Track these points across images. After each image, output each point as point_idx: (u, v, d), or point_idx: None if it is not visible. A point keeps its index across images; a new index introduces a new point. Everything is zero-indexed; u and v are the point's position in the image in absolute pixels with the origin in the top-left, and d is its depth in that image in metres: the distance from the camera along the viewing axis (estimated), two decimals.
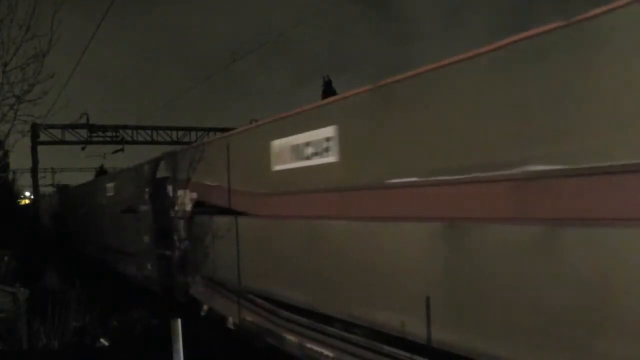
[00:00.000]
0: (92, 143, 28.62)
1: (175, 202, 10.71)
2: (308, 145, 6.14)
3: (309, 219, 6.16)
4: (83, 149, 29.09)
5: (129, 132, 29.29)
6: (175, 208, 10.70)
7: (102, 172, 42.04)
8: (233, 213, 7.97)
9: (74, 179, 54.70)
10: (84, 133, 28.06)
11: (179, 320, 5.15)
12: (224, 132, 16.09)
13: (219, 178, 8.39)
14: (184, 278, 10.48)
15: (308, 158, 6.15)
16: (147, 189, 12.46)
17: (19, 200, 39.65)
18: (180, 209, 10.41)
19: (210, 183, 8.82)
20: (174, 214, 10.77)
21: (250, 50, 30.21)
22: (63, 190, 34.45)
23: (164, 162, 11.72)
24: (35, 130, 24.88)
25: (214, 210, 8.68)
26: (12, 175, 32.21)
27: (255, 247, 7.59)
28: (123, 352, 9.20)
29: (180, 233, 10.54)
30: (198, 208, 9.51)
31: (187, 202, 10.07)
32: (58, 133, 27.37)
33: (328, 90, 36.78)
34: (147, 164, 12.95)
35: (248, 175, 7.57)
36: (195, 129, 30.81)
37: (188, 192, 10.00)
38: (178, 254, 10.78)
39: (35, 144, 26.16)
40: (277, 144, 6.77)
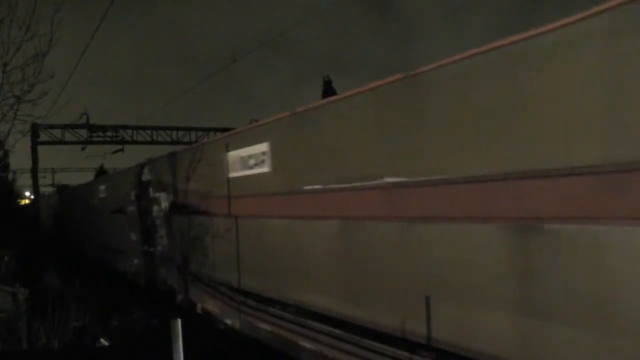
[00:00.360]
0: (92, 143, 28.60)
1: (157, 203, 12.00)
2: (251, 158, 7.65)
3: (255, 218, 7.57)
4: (83, 149, 29.09)
5: (129, 132, 29.27)
6: (156, 209, 12.03)
7: (102, 172, 42.02)
8: (203, 213, 9.26)
9: (74, 179, 54.74)
10: (84, 133, 28.05)
11: (179, 320, 5.15)
12: (224, 132, 16.30)
13: (191, 183, 9.76)
14: (164, 271, 11.79)
15: (251, 168, 7.62)
16: (133, 192, 13.80)
17: (19, 200, 39.65)
18: (161, 210, 11.72)
19: (184, 187, 10.15)
20: (156, 214, 12.08)
21: (250, 51, 30.25)
22: (62, 191, 34.47)
23: (147, 167, 13.05)
24: (35, 130, 24.87)
25: (188, 211, 10.00)
26: (12, 175, 32.24)
27: (218, 242, 8.73)
28: (123, 352, 9.21)
29: (161, 231, 11.83)
30: (175, 209, 10.81)
31: (165, 203, 11.48)
32: (58, 133, 27.36)
33: (328, 91, 36.72)
34: (132, 169, 14.31)
35: (211, 181, 8.84)
36: (195, 129, 30.77)
37: (167, 194, 11.41)
38: (159, 250, 12.09)
39: (35, 144, 26.15)
40: (230, 156, 8.14)
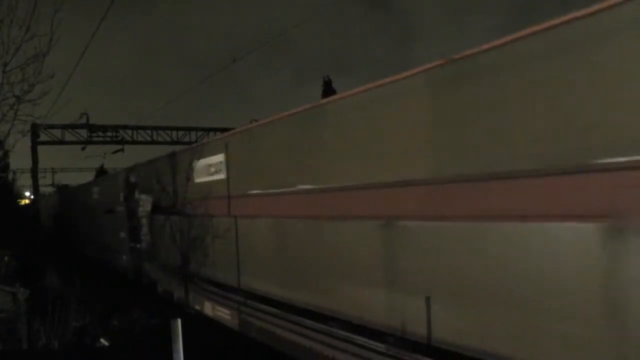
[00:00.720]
0: (92, 143, 28.61)
1: (141, 205, 13.64)
2: (211, 166, 9.25)
3: (213, 217, 9.24)
4: (83, 149, 29.10)
5: (129, 132, 29.28)
6: (141, 209, 13.66)
7: (102, 172, 42.00)
8: (177, 214, 10.92)
9: (74, 179, 54.70)
10: (84, 133, 28.06)
11: (179, 320, 5.15)
12: (224, 132, 16.52)
13: (167, 187, 11.43)
14: (148, 265, 13.46)
15: (212, 174, 9.22)
16: (121, 194, 15.50)
17: (19, 200, 39.62)
18: (144, 210, 13.42)
19: (162, 190, 11.83)
20: (140, 214, 13.69)
21: (250, 50, 30.18)
22: (62, 191, 34.47)
23: (134, 172, 14.83)
24: (35, 130, 24.89)
25: (166, 211, 11.71)
26: (12, 175, 32.24)
27: (192, 239, 10.19)
28: (123, 352, 9.21)
29: (145, 229, 13.54)
30: (156, 209, 12.59)
31: (148, 204, 13.20)
32: (58, 133, 27.38)
33: (328, 90, 36.69)
34: (121, 173, 16.31)
35: (183, 185, 10.52)
36: (195, 129, 30.78)
37: (149, 197, 13.18)
38: (143, 246, 13.70)
39: (35, 144, 26.17)
40: (196, 164, 9.90)
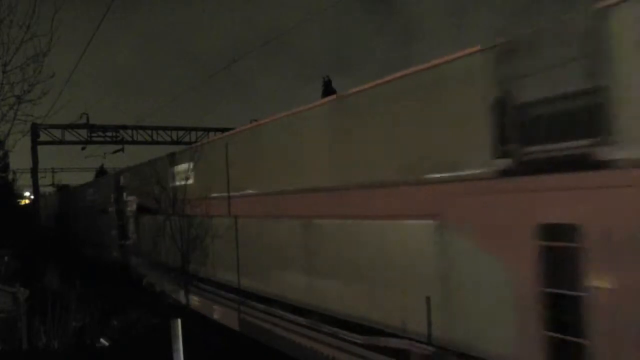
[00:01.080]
0: (92, 143, 28.59)
1: (129, 205, 15.45)
2: (181, 173, 11.23)
3: (186, 217, 10.80)
4: (83, 149, 29.09)
5: (129, 132, 29.24)
6: (129, 210, 15.50)
7: (102, 172, 41.97)
8: (158, 213, 12.53)
9: (74, 179, 54.63)
10: (84, 133, 28.03)
11: (179, 320, 5.15)
12: (224, 132, 16.69)
13: (149, 189, 12.93)
14: (135, 259, 15.13)
15: (181, 180, 11.15)
16: (112, 195, 17.38)
17: (19, 200, 39.62)
18: (132, 210, 15.19)
19: (146, 192, 13.38)
20: (128, 214, 15.53)
21: (251, 50, 30.22)
22: (61, 191, 34.45)
23: (123, 175, 16.73)
24: (35, 130, 24.86)
25: (149, 211, 13.33)
26: (12, 175, 32.23)
27: (171, 235, 11.39)
28: (123, 352, 9.21)
29: (132, 227, 15.32)
30: (141, 209, 14.33)
31: (135, 205, 14.97)
32: (58, 133, 27.35)
33: (327, 90, 36.74)
34: (112, 176, 18.84)
35: (163, 188, 12.12)
36: (195, 129, 30.74)
37: (135, 198, 14.90)
38: (132, 243, 15.43)
39: (35, 144, 26.14)
40: (172, 170, 11.87)
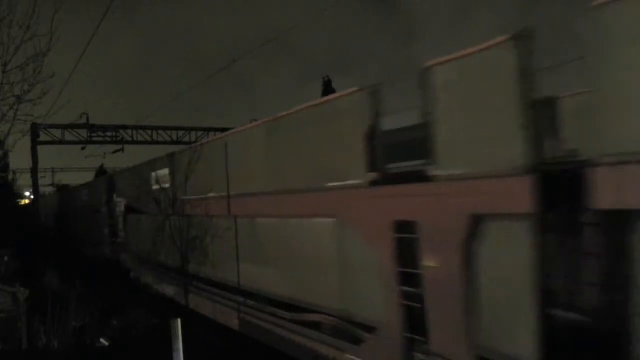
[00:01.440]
0: (92, 143, 28.59)
1: (119, 206, 16.93)
2: (164, 176, 12.46)
3: (171, 216, 11.78)
4: (83, 149, 29.08)
5: (129, 132, 29.24)
6: (118, 210, 17.00)
7: (102, 172, 41.94)
8: (143, 213, 14.09)
9: (74, 179, 54.53)
10: (84, 133, 28.02)
11: (179, 320, 5.16)
12: (224, 132, 16.85)
13: (135, 191, 14.52)
14: (124, 255, 16.68)
15: (163, 183, 12.39)
16: (104, 197, 18.99)
17: (19, 200, 39.59)
18: (121, 211, 16.62)
19: (133, 193, 14.98)
20: (117, 214, 17.10)
21: (251, 50, 30.21)
22: (61, 191, 34.47)
23: (114, 178, 18.73)
24: (35, 130, 24.86)
25: (135, 211, 14.92)
26: (12, 175, 32.21)
27: (154, 233, 12.72)
28: (123, 352, 9.21)
29: (121, 226, 16.85)
30: (129, 209, 15.84)
31: (122, 206, 16.54)
32: (58, 133, 27.35)
33: (327, 91, 36.78)
34: (104, 179, 20.85)
35: (146, 191, 13.50)
36: (195, 129, 30.72)
37: (124, 199, 16.47)
38: (121, 240, 16.94)
39: (35, 144, 26.15)
40: (153, 175, 13.10)
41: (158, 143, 29.60)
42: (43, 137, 26.65)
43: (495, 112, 4.48)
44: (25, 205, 39.59)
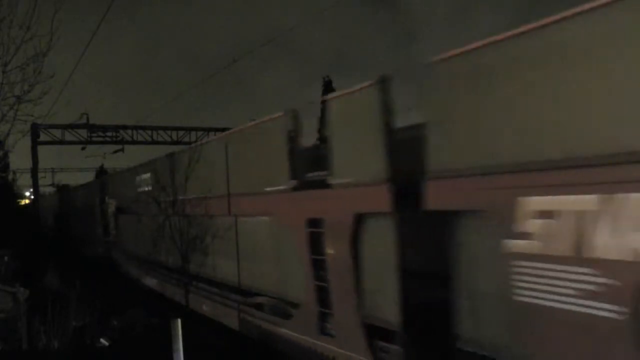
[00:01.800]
0: (92, 143, 28.62)
1: (110, 206, 18.33)
2: (147, 180, 13.70)
3: (157, 215, 12.31)
4: (83, 149, 29.12)
5: (129, 132, 29.27)
6: (110, 210, 18.35)
7: (102, 172, 41.94)
8: (132, 213, 15.25)
9: (74, 179, 54.47)
10: (84, 133, 28.06)
11: (179, 320, 5.16)
12: (224, 132, 16.99)
13: (124, 193, 16.17)
14: (115, 253, 18.18)
15: (147, 186, 13.70)
16: (97, 198, 20.34)
17: (19, 200, 39.59)
18: (113, 211, 18.01)
19: (122, 195, 16.79)
20: (110, 214, 18.44)
21: (251, 50, 30.17)
22: (61, 191, 34.48)
23: (107, 180, 20.68)
24: (35, 130, 24.89)
25: (124, 211, 16.53)
26: (12, 175, 32.23)
27: (141, 232, 13.92)
28: (123, 352, 9.21)
29: (112, 225, 18.36)
30: (119, 210, 17.35)
31: (113, 206, 18.03)
32: (58, 133, 27.39)
33: (327, 90, 36.78)
34: (99, 181, 22.54)
35: (132, 193, 14.89)
36: (195, 129, 30.73)
37: (115, 200, 17.98)
38: (112, 239, 18.40)
39: (35, 144, 26.18)
40: (138, 178, 14.49)
41: (158, 143, 29.63)
42: (43, 137, 26.71)
43: (367, 136, 5.89)
44: (25, 205, 39.61)
